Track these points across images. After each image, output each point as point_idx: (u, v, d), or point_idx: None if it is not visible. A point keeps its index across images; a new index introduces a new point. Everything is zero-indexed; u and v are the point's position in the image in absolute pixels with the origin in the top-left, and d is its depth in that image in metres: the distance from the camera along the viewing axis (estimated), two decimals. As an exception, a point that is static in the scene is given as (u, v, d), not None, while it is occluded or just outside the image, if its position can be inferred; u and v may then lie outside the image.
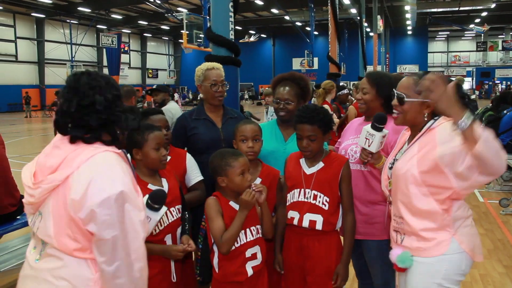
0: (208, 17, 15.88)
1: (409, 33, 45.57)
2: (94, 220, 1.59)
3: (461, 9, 34.40)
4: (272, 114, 7.19)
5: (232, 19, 5.01)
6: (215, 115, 3.34)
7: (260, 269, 2.54)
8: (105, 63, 35.89)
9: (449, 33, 47.55)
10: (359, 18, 24.14)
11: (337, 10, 15.72)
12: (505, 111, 7.70)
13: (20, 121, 26.30)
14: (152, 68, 47.64)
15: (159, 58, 49.43)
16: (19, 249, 4.38)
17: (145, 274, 1.75)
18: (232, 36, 4.98)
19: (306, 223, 2.61)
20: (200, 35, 18.06)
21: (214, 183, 2.64)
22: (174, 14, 24.90)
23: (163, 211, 2.28)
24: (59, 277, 1.66)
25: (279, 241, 2.75)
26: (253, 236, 2.52)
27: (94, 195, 1.58)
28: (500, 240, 5.50)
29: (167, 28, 43.19)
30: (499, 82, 44.29)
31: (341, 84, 10.17)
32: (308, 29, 34.45)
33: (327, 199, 2.61)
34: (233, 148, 2.79)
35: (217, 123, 3.31)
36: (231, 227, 2.42)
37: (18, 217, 3.99)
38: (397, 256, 2.23)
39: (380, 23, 30.98)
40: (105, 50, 34.07)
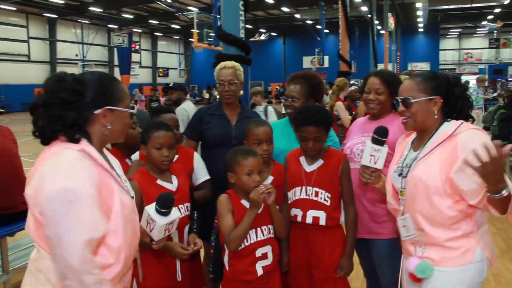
0: (218, 16, 15.90)
1: (420, 30, 45.17)
2: (43, 215, 1.60)
3: (474, 5, 34.02)
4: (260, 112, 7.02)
5: (242, 18, 5.01)
6: (231, 112, 3.37)
7: (271, 269, 2.53)
8: (116, 62, 36.04)
9: (461, 30, 47.04)
10: (370, 15, 24.02)
11: (348, 8, 15.64)
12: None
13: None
14: (162, 67, 47.76)
15: (170, 57, 49.55)
16: (32, 247, 4.40)
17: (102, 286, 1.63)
18: (242, 34, 4.98)
19: (309, 220, 2.65)
20: (210, 34, 18.07)
21: (223, 177, 2.65)
22: (184, 13, 24.98)
23: (175, 215, 2.24)
24: (37, 269, 1.70)
25: (285, 240, 2.76)
26: (264, 235, 2.51)
27: (43, 191, 1.59)
28: (512, 239, 5.44)
29: (178, 27, 43.27)
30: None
31: (351, 82, 10.14)
32: (318, 27, 34.31)
33: (329, 195, 2.65)
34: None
35: (232, 120, 3.34)
36: (239, 226, 2.43)
37: (30, 215, 4.02)
38: (416, 265, 2.12)
39: (391, 21, 30.75)
40: (116, 49, 34.11)
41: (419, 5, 31.12)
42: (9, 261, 3.68)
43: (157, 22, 39.31)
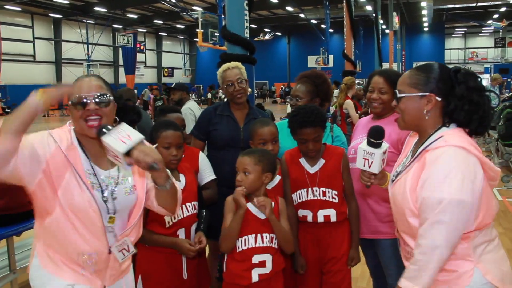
0: (223, 16, 15.90)
1: (426, 29, 45.00)
2: None
3: (479, 4, 33.89)
4: None
5: (247, 17, 5.02)
6: (239, 113, 3.35)
7: (269, 278, 2.47)
8: (121, 62, 36.14)
9: (466, 29, 46.84)
10: (374, 15, 23.96)
11: (353, 7, 15.64)
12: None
13: (38, 120, 26.42)
14: (167, 67, 47.83)
15: (175, 56, 49.61)
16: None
17: None
18: (247, 34, 4.99)
19: (321, 219, 2.68)
20: (215, 34, 18.07)
21: (231, 179, 2.65)
22: (189, 13, 24.95)
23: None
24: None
25: (296, 242, 2.73)
26: (264, 243, 2.47)
27: None
28: (519, 239, 5.41)
29: (182, 27, 43.32)
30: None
31: (356, 82, 10.16)
32: (323, 26, 34.25)
33: (336, 193, 2.69)
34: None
35: (240, 122, 3.31)
36: (228, 226, 2.44)
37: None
38: None
39: (396, 20, 30.67)
40: (121, 49, 34.26)
41: (424, 4, 31.01)
42: (16, 261, 3.69)
43: (162, 22, 39.39)
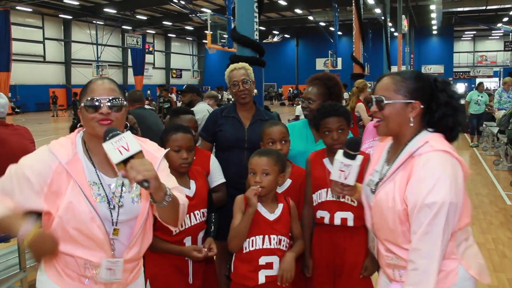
0: (232, 18, 15.94)
1: (434, 32, 44.81)
2: None
3: (488, 8, 33.71)
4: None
5: (257, 20, 5.03)
6: (245, 115, 3.34)
7: (275, 280, 2.44)
8: (130, 63, 36.34)
9: (475, 32, 46.60)
10: (383, 18, 23.86)
11: (361, 10, 15.61)
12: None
13: (47, 120, 26.81)
14: (176, 68, 48.00)
15: (183, 58, 49.77)
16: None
17: None
18: (256, 36, 5.00)
19: (338, 221, 2.62)
20: (224, 36, 18.11)
21: (237, 181, 2.64)
22: (198, 14, 25.03)
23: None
24: None
25: (308, 244, 2.71)
26: (272, 244, 2.44)
27: None
28: (528, 244, 5.38)
29: (191, 28, 43.45)
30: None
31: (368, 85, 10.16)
32: (332, 29, 34.24)
33: None
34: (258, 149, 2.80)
35: (245, 123, 3.31)
36: (237, 225, 2.41)
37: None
38: None
39: (404, 23, 30.59)
40: (130, 50, 34.50)
41: (433, 7, 30.93)
42: (26, 259, 3.72)
43: (171, 23, 39.52)
